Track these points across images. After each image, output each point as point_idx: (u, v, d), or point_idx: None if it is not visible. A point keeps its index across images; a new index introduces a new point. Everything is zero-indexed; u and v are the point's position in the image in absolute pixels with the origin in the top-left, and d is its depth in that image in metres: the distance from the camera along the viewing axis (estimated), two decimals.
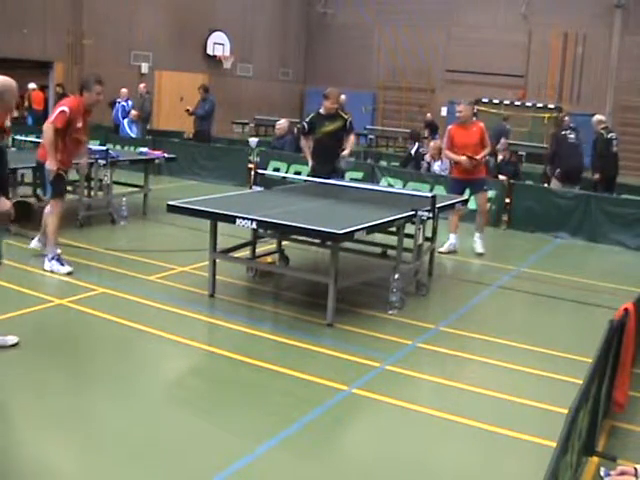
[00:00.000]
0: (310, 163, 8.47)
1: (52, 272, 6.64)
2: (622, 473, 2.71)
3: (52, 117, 6.61)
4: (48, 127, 6.49)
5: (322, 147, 8.24)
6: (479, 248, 8.82)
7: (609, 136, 11.06)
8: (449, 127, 8.80)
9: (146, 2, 21.39)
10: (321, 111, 8.23)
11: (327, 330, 5.64)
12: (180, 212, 6.23)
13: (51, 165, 6.52)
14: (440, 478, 3.70)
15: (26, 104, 18.20)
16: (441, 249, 8.57)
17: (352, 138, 8.28)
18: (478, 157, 8.42)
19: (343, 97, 16.45)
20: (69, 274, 6.59)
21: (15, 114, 19.41)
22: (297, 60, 28.31)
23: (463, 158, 8.40)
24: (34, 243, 7.26)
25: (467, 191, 8.72)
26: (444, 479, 3.69)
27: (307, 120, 8.45)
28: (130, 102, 15.97)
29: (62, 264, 6.69)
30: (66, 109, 6.53)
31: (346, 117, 8.24)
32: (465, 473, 3.72)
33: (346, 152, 8.19)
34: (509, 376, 5.01)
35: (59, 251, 6.84)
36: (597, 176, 11.25)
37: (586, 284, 7.62)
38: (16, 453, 3.61)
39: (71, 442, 3.79)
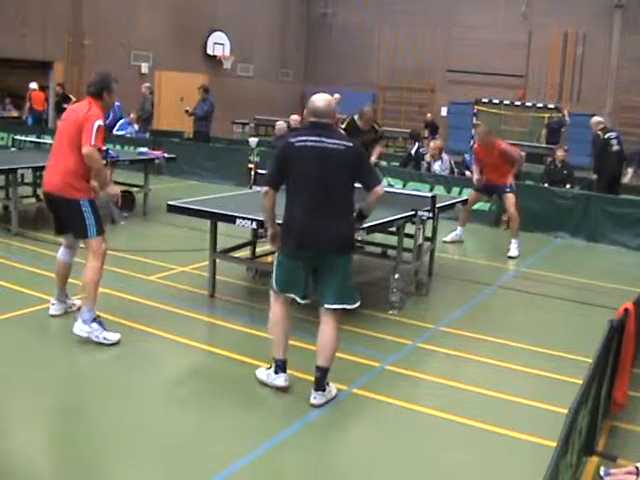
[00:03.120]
0: None
1: (91, 338, 5.00)
2: (626, 473, 2.71)
3: (90, 136, 4.95)
4: (92, 151, 4.95)
5: None
6: (512, 251, 8.85)
7: (606, 136, 11.02)
8: (475, 145, 9.50)
9: (146, 2, 21.36)
10: (355, 118, 8.17)
11: None
12: (180, 212, 6.24)
13: (112, 190, 5.40)
14: (440, 478, 3.70)
15: (27, 105, 18.14)
16: (445, 238, 9.10)
17: (378, 148, 8.41)
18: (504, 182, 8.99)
19: (337, 96, 16.39)
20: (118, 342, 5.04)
21: (16, 114, 19.49)
22: (297, 60, 28.29)
23: (476, 177, 9.17)
24: (55, 308, 5.47)
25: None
26: (444, 479, 3.69)
27: (343, 127, 8.27)
28: (117, 103, 14.71)
29: (106, 329, 5.06)
30: (102, 122, 5.07)
31: (378, 129, 8.38)
32: (465, 473, 3.72)
33: (372, 159, 7.99)
34: (509, 376, 5.02)
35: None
36: (595, 176, 11.36)
37: (586, 284, 7.63)
38: (16, 451, 3.61)
39: (71, 441, 3.80)
